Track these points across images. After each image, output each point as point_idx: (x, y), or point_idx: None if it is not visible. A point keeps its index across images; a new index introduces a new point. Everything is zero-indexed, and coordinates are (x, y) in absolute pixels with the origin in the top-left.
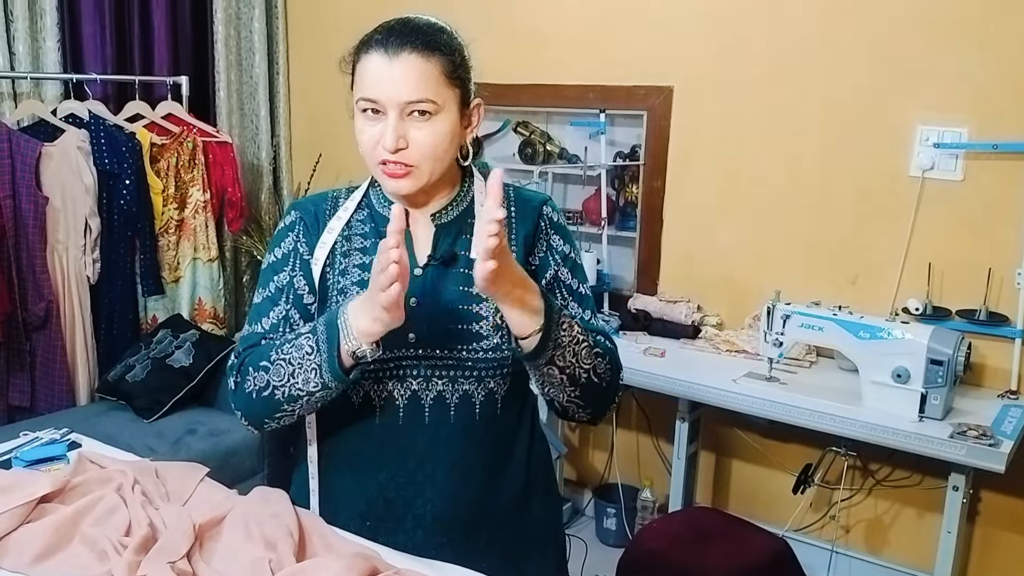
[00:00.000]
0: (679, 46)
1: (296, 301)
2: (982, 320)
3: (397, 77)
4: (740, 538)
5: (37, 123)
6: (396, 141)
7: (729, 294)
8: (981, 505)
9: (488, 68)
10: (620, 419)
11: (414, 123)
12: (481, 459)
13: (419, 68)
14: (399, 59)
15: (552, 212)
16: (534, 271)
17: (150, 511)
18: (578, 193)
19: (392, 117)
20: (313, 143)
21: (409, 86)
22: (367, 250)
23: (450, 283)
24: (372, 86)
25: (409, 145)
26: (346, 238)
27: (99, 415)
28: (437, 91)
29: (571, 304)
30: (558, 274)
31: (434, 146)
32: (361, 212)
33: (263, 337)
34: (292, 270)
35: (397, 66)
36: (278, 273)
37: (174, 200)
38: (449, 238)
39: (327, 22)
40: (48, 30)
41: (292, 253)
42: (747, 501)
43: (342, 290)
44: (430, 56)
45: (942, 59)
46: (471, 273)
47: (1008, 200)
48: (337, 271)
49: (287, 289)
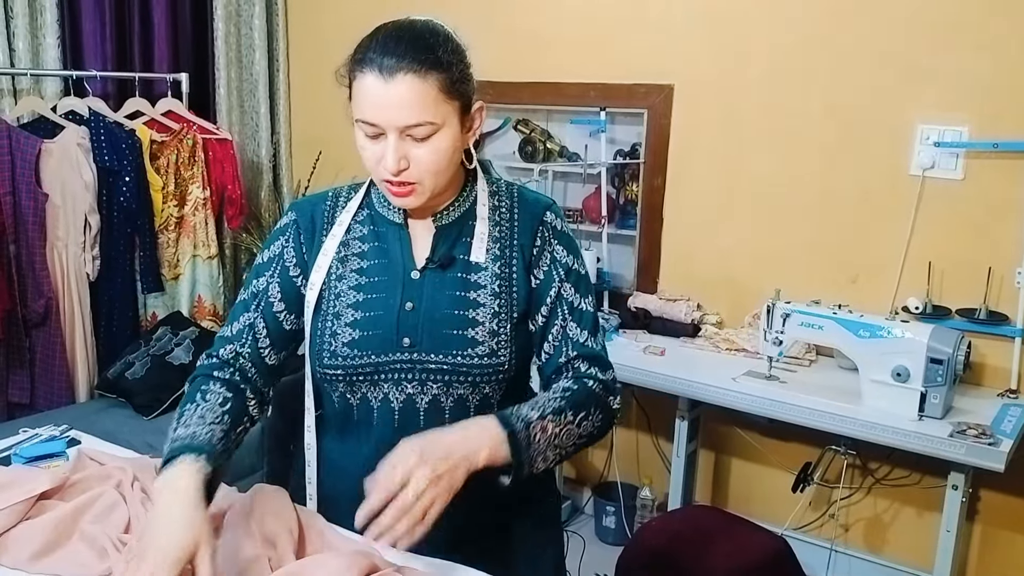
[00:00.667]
0: (680, 44)
1: (266, 309)
2: (982, 319)
3: (393, 101)
4: (739, 537)
5: (37, 120)
6: (398, 163)
7: (729, 292)
8: (980, 504)
9: (489, 66)
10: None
11: (414, 143)
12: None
13: (416, 89)
14: (395, 81)
15: (555, 219)
16: (537, 288)
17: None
18: (578, 191)
19: (392, 139)
20: (313, 140)
21: (405, 110)
22: (364, 255)
23: (446, 287)
24: (369, 110)
25: (411, 164)
26: (344, 244)
27: (98, 412)
28: (435, 110)
29: (570, 324)
30: (561, 291)
31: (436, 163)
32: (361, 212)
33: (226, 343)
34: (271, 276)
35: (393, 89)
36: (259, 276)
37: (174, 197)
38: (449, 240)
39: (327, 20)
40: (48, 27)
41: (277, 259)
42: (746, 500)
43: (338, 295)
44: (427, 75)
45: (943, 58)
46: (468, 277)
47: (1008, 199)
48: (334, 276)
49: (261, 296)
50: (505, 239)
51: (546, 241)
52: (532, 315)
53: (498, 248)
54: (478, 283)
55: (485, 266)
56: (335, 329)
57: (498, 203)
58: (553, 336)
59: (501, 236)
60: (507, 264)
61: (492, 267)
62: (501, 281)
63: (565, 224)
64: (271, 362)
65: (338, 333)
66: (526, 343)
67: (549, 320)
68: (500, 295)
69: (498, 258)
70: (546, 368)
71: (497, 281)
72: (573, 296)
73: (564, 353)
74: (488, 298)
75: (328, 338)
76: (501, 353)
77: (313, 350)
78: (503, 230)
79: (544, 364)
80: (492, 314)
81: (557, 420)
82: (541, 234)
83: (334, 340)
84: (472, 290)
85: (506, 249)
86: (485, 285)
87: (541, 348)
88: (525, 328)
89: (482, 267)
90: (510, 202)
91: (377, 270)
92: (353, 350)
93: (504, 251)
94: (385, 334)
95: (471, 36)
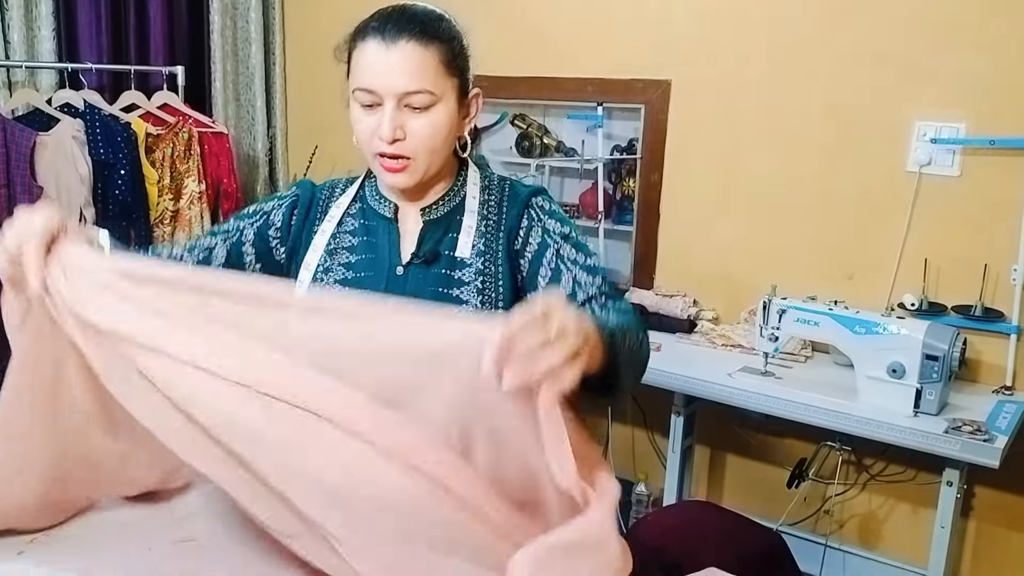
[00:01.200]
0: (678, 40)
1: (233, 246)
2: (978, 316)
3: (394, 66)
4: (734, 532)
5: (32, 112)
6: (393, 132)
7: (725, 288)
8: (975, 500)
9: (486, 60)
10: (615, 413)
11: (411, 114)
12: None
13: (417, 57)
14: (396, 47)
15: (544, 201)
16: (530, 260)
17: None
18: (575, 187)
19: (389, 107)
20: (309, 134)
21: (406, 76)
22: (353, 248)
23: (429, 284)
24: (369, 75)
25: (406, 136)
26: (334, 236)
27: None
28: (435, 81)
29: (579, 274)
30: (559, 251)
31: (432, 137)
32: (354, 205)
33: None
34: (251, 223)
35: (394, 54)
36: (237, 220)
37: (169, 191)
38: (436, 235)
39: (324, 13)
40: (43, 19)
41: (261, 213)
42: (741, 495)
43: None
44: (428, 44)
45: (941, 55)
46: (452, 274)
47: (1005, 196)
48: (321, 269)
49: (233, 232)
50: (492, 234)
51: (533, 220)
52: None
53: (483, 243)
54: (462, 280)
55: (470, 262)
56: None
57: (487, 197)
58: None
59: (488, 231)
60: (492, 260)
61: (477, 263)
62: (486, 278)
63: (555, 205)
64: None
65: None
66: None
67: (553, 278)
68: (484, 291)
69: (483, 253)
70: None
71: (481, 278)
72: (576, 255)
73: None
74: (471, 295)
75: None
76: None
77: None
78: (490, 225)
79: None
80: (475, 312)
81: (624, 338)
82: (528, 215)
83: None
84: (455, 287)
85: (492, 243)
86: (469, 282)
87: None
88: None
89: (467, 263)
90: (499, 196)
91: (364, 264)
92: None
93: (490, 245)
94: None
95: (468, 29)
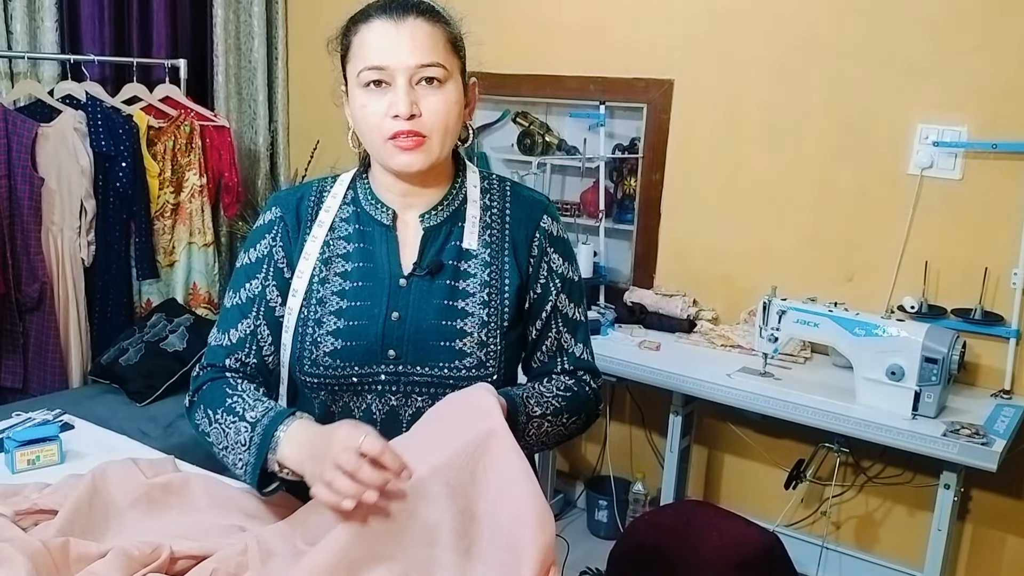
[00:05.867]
0: (680, 39)
1: (267, 314)
2: (977, 319)
3: (405, 41)
4: (731, 532)
5: (34, 103)
6: (410, 107)
7: (725, 289)
8: (972, 504)
9: (488, 58)
10: (613, 412)
11: (424, 91)
12: None
13: (427, 31)
14: (405, 23)
15: (551, 224)
16: (534, 302)
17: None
18: (576, 185)
19: (401, 83)
20: (311, 129)
21: (419, 50)
22: (349, 256)
23: (434, 296)
24: (378, 53)
25: (422, 112)
26: (327, 244)
27: (92, 398)
28: (446, 57)
29: (564, 336)
30: (557, 304)
31: (447, 114)
32: (346, 209)
33: (228, 354)
34: (265, 279)
35: (404, 30)
36: (251, 280)
37: (170, 184)
38: (436, 244)
39: (326, 7)
40: (46, 10)
41: (266, 259)
42: (739, 495)
43: (321, 300)
44: (436, 22)
45: (943, 58)
46: (456, 285)
47: (1006, 200)
48: (316, 280)
49: (258, 300)
50: (496, 243)
51: (543, 251)
52: (527, 324)
53: (488, 254)
54: (467, 291)
55: (474, 273)
56: (316, 337)
57: (489, 202)
58: (548, 347)
59: (492, 241)
60: (498, 270)
61: (481, 274)
62: (491, 290)
63: (561, 226)
64: (273, 367)
65: (319, 341)
66: (515, 353)
67: (543, 332)
68: (489, 303)
69: (488, 264)
70: (537, 372)
71: (487, 289)
72: (568, 307)
73: (559, 364)
74: (477, 307)
75: (309, 346)
76: (489, 364)
77: (293, 356)
78: (494, 234)
79: (535, 369)
80: (481, 324)
81: (553, 421)
82: (538, 242)
83: (315, 348)
84: (460, 299)
85: (497, 255)
86: (474, 293)
87: (533, 355)
88: (514, 336)
89: (471, 274)
90: (502, 202)
91: (361, 274)
92: (335, 360)
93: (495, 257)
94: (369, 345)
95: (470, 27)
